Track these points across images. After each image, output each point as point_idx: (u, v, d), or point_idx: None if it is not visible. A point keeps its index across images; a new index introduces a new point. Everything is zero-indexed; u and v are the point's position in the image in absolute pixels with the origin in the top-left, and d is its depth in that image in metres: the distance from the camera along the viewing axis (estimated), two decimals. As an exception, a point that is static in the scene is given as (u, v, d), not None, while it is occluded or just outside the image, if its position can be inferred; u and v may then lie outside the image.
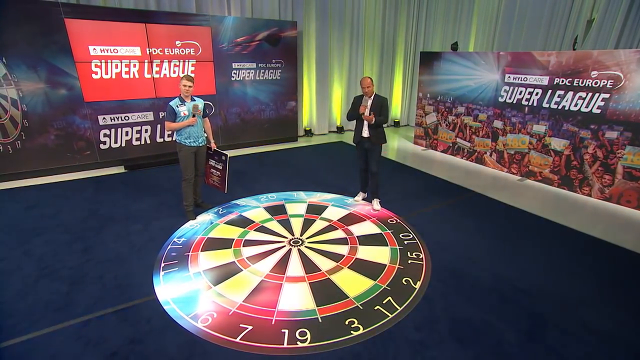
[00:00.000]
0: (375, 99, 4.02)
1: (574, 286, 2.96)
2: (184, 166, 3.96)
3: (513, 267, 3.21)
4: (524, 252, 3.45)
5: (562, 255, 3.45)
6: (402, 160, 6.44)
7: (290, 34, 6.93)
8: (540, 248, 3.55)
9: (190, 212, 4.12)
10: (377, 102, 4.00)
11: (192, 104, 3.87)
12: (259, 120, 7.28)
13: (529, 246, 3.58)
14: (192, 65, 6.18)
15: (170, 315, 2.59)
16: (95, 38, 5.30)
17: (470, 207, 4.48)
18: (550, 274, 3.13)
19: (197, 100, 3.98)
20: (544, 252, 3.48)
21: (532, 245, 3.59)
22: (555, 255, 3.44)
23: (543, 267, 3.23)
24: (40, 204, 4.50)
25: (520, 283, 2.97)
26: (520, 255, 3.41)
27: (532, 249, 3.52)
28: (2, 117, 5.10)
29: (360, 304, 2.70)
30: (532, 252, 3.46)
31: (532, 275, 3.09)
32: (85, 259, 3.32)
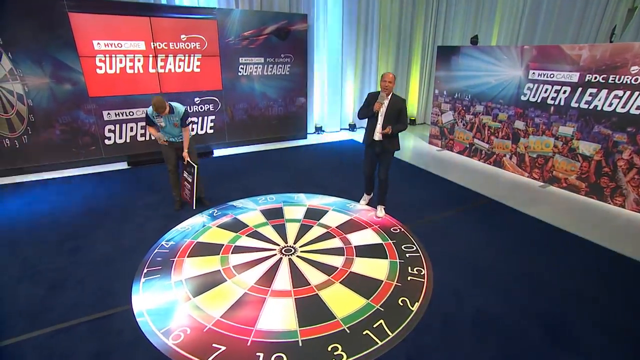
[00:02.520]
0: (393, 99, 3.64)
1: (599, 315, 2.58)
2: (165, 159, 4.07)
3: (526, 290, 2.83)
4: (541, 272, 3.06)
5: (588, 276, 3.03)
6: (414, 161, 6.06)
7: (300, 28, 6.65)
8: (561, 267, 3.15)
9: (177, 202, 4.22)
10: (395, 104, 3.63)
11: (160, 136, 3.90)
12: (267, 116, 7.07)
13: (548, 264, 3.18)
14: (198, 60, 6.03)
15: (142, 330, 2.42)
16: (99, 32, 5.23)
17: (485, 216, 4.10)
18: (572, 299, 2.74)
19: (175, 108, 3.82)
20: (565, 273, 3.07)
21: (552, 264, 3.19)
22: (579, 276, 3.03)
23: (563, 291, 2.84)
24: (41, 200, 4.48)
25: (533, 309, 2.61)
26: (536, 275, 3.02)
27: (551, 268, 3.12)
28: (9, 111, 5.13)
29: (347, 326, 2.44)
30: (551, 272, 3.07)
31: (550, 302, 2.72)
32: (71, 260, 3.22)
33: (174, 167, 4.08)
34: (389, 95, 3.64)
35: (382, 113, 3.67)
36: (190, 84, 6.11)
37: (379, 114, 3.69)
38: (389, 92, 3.61)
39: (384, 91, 3.59)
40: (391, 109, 3.64)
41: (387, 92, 3.59)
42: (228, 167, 5.82)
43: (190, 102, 6.23)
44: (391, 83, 3.55)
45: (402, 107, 3.65)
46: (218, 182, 5.12)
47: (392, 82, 3.56)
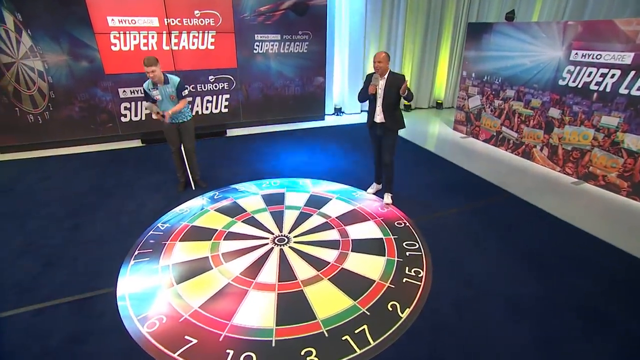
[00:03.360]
0: (390, 78, 3.38)
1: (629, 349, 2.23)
2: (167, 140, 4.00)
3: (537, 311, 2.50)
4: (560, 290, 2.67)
5: (615, 296, 2.65)
6: (435, 148, 5.64)
7: (320, 3, 6.25)
8: (586, 285, 2.74)
9: (180, 183, 4.21)
10: (392, 83, 3.36)
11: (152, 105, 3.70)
12: (283, 96, 6.85)
13: (571, 281, 2.78)
14: (212, 36, 5.87)
15: (120, 314, 2.40)
16: (113, 8, 5.18)
17: (503, 214, 3.71)
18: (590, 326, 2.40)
19: (170, 79, 3.70)
20: (591, 294, 2.69)
21: (575, 280, 2.77)
22: (603, 296, 2.64)
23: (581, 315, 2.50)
24: (54, 176, 4.64)
25: (542, 334, 2.31)
26: (553, 293, 2.63)
27: (573, 287, 2.73)
28: (31, 88, 5.29)
29: (327, 329, 2.28)
30: (571, 291, 2.68)
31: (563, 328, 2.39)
32: (69, 237, 3.29)
33: (177, 148, 4.03)
34: (383, 75, 3.38)
35: (379, 94, 3.44)
36: (204, 61, 6.00)
37: (377, 95, 3.43)
38: (382, 72, 3.36)
39: (376, 72, 3.34)
40: (389, 89, 3.38)
41: (380, 72, 3.35)
42: (239, 147, 5.73)
43: (204, 80, 6.15)
44: (381, 62, 3.30)
45: (402, 84, 3.31)
46: (226, 163, 5.06)
47: (382, 61, 3.30)
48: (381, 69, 3.31)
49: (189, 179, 4.20)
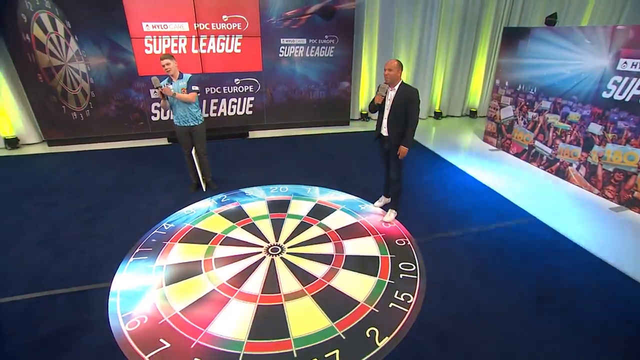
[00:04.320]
0: (401, 90, 3.17)
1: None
2: (180, 142, 4.13)
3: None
4: (584, 347, 2.39)
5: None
6: (457, 160, 5.30)
7: (347, 7, 6.16)
8: (617, 342, 2.43)
9: (192, 184, 4.36)
10: (402, 96, 3.16)
11: (154, 77, 3.66)
12: (308, 100, 6.85)
13: (594, 332, 2.48)
14: (239, 40, 6.02)
15: (108, 310, 2.53)
16: (148, 14, 5.50)
17: (521, 241, 3.37)
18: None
19: (184, 75, 3.86)
20: (615, 356, 2.37)
21: (601, 331, 2.48)
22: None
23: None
24: (86, 170, 5.02)
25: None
26: (561, 348, 2.37)
27: (599, 343, 2.43)
28: (76, 88, 5.78)
29: (297, 349, 2.21)
30: (595, 349, 2.39)
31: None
32: (84, 230, 3.53)
33: (190, 150, 4.17)
34: (394, 86, 3.18)
35: (387, 106, 3.24)
36: (230, 64, 6.17)
37: (384, 106, 3.25)
38: (391, 82, 3.17)
39: (386, 81, 3.15)
40: (398, 102, 3.18)
41: (389, 81, 3.15)
42: (258, 150, 5.82)
43: (230, 83, 6.32)
44: (392, 71, 3.10)
45: (411, 98, 3.14)
46: (242, 165, 5.15)
47: (393, 69, 3.10)
48: (391, 77, 3.12)
49: (201, 181, 4.33)
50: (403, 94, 3.16)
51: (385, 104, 3.28)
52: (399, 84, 3.19)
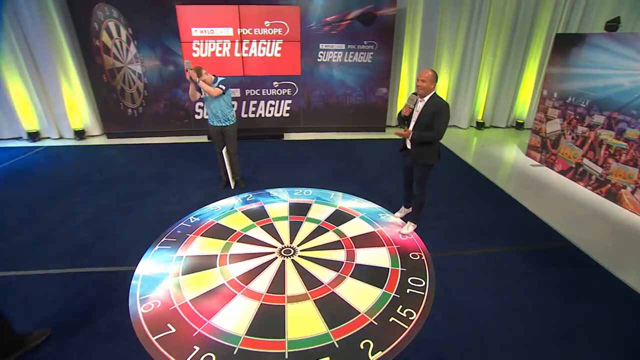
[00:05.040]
0: (431, 102, 3.03)
1: None
2: (213, 141, 4.41)
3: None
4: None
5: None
6: (491, 174, 4.98)
7: (388, 12, 6.09)
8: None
9: (222, 182, 4.60)
10: (430, 107, 3.01)
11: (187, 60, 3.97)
12: (344, 105, 6.88)
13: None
14: (279, 45, 6.22)
15: (129, 291, 2.78)
16: (197, 20, 5.91)
17: (548, 268, 3.10)
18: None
19: (217, 80, 4.11)
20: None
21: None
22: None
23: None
24: (135, 161, 5.53)
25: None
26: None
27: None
28: (132, 87, 6.39)
29: (289, 351, 2.26)
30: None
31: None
32: (121, 217, 3.90)
33: (221, 149, 4.41)
34: (425, 97, 3.04)
35: (414, 117, 3.12)
36: (270, 68, 6.40)
37: (411, 118, 3.15)
38: (423, 94, 3.02)
39: (418, 92, 3.03)
40: (424, 114, 3.04)
41: (422, 93, 3.01)
42: (290, 152, 5.97)
43: (269, 86, 6.56)
44: (425, 82, 2.95)
45: (440, 111, 2.98)
46: (272, 166, 5.33)
47: (426, 80, 2.95)
48: (423, 89, 2.97)
49: (230, 179, 4.56)
50: (432, 106, 3.01)
51: (413, 115, 3.17)
52: (430, 95, 3.03)
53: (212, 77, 4.04)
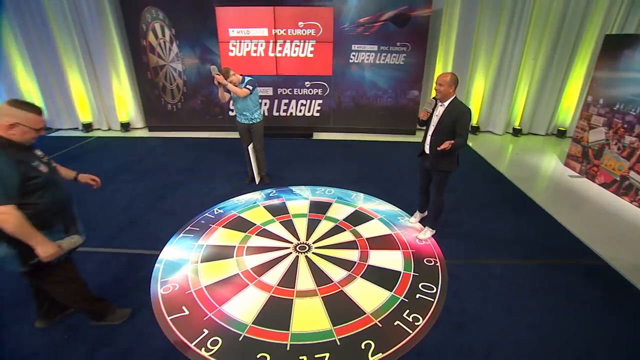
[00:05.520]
0: (451, 107, 2.95)
1: None
2: (240, 137, 4.58)
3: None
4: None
5: None
6: (524, 184, 4.70)
7: (423, 14, 5.96)
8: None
9: (248, 177, 4.77)
10: (451, 112, 2.93)
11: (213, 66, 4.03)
12: (374, 106, 6.84)
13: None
14: (312, 45, 6.32)
15: (152, 274, 3.00)
16: (234, 21, 6.17)
17: (579, 287, 2.91)
18: None
19: (245, 80, 4.23)
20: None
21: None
22: None
23: None
24: (171, 153, 5.90)
25: None
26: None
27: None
28: (172, 84, 6.80)
29: (292, 343, 2.33)
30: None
31: None
32: (153, 205, 4.18)
33: (246, 146, 4.56)
34: (444, 102, 2.97)
35: (433, 122, 3.06)
36: (302, 68, 6.52)
37: (430, 122, 3.09)
38: (442, 98, 2.95)
39: (436, 96, 2.97)
40: (444, 119, 2.97)
41: (441, 97, 2.95)
42: (318, 151, 6.05)
43: (300, 85, 6.68)
44: (442, 86, 2.88)
45: (461, 117, 2.90)
46: (299, 164, 5.43)
47: (444, 84, 2.87)
48: (441, 93, 2.91)
49: (255, 174, 4.72)
50: (452, 111, 2.93)
51: (431, 120, 3.12)
52: (450, 100, 2.95)
53: (239, 77, 4.20)
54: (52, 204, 1.95)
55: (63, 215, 2.06)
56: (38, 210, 1.88)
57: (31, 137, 1.88)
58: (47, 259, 1.90)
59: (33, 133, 1.87)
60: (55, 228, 1.99)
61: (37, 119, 1.86)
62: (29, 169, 1.84)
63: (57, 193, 2.00)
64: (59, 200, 2.01)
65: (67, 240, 2.05)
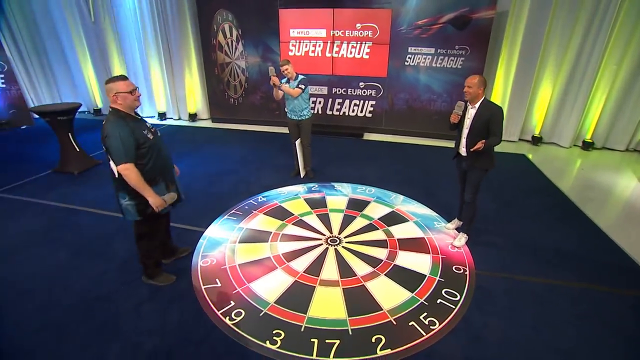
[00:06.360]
0: (482, 108, 2.94)
1: None
2: (289, 132, 4.84)
3: None
4: None
5: None
6: (589, 203, 4.25)
7: (485, 15, 5.66)
8: None
9: (294, 170, 5.01)
10: (483, 114, 2.93)
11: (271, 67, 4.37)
12: (428, 110, 6.67)
13: None
14: (368, 47, 6.39)
15: (196, 247, 3.37)
16: (295, 22, 6.49)
17: (626, 322, 2.63)
18: None
19: (298, 76, 4.52)
20: None
21: None
22: None
23: None
24: (229, 143, 6.45)
25: None
26: None
27: None
28: (236, 79, 7.37)
29: (306, 325, 2.48)
30: None
31: None
32: (206, 187, 4.65)
33: (295, 140, 4.81)
34: (475, 103, 2.96)
35: (466, 125, 3.03)
36: (358, 69, 6.63)
37: (462, 125, 3.04)
38: (472, 100, 2.95)
39: (465, 97, 2.97)
40: (477, 121, 2.95)
41: (470, 98, 2.95)
42: (366, 151, 6.12)
43: (355, 86, 6.79)
44: (471, 88, 2.88)
45: (493, 118, 2.88)
46: (345, 162, 5.55)
47: (472, 86, 2.88)
48: (470, 95, 2.93)
49: (300, 168, 4.95)
50: (485, 112, 2.92)
51: (464, 122, 3.08)
52: (480, 101, 2.96)
53: (294, 73, 4.44)
54: (156, 165, 2.49)
55: (164, 175, 2.60)
56: (145, 169, 2.43)
57: (131, 100, 2.39)
58: (157, 209, 2.47)
59: (130, 96, 2.37)
60: (158, 185, 2.53)
61: (125, 83, 2.37)
62: (140, 135, 2.37)
63: (160, 156, 2.54)
64: (161, 162, 2.55)
65: (168, 195, 2.60)
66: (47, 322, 2.52)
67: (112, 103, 2.36)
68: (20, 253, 3.31)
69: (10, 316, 2.59)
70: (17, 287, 2.88)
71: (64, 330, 2.45)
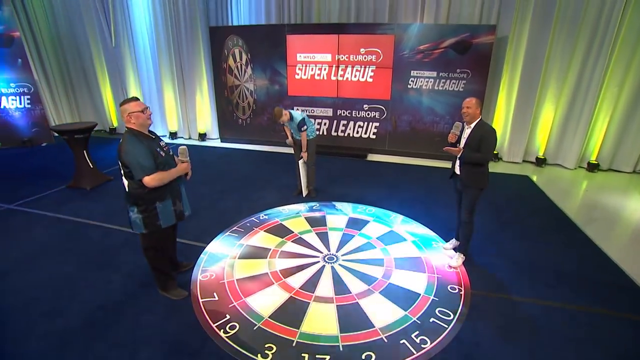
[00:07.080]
0: (477, 128, 3.07)
1: None
2: (294, 153, 5.04)
3: None
4: None
5: None
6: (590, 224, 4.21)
7: (485, 40, 5.84)
8: None
9: (297, 190, 5.13)
10: (477, 133, 3.06)
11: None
12: (431, 132, 6.78)
13: None
14: (372, 71, 6.61)
15: (197, 262, 3.46)
16: (302, 47, 6.79)
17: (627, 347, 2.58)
18: None
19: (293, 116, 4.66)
20: None
21: None
22: None
23: None
24: (235, 162, 6.64)
25: None
26: None
27: None
28: (244, 101, 7.66)
29: (298, 340, 2.51)
30: None
31: None
32: (210, 204, 4.78)
33: (296, 160, 4.96)
34: (471, 124, 3.07)
35: (461, 144, 3.17)
36: (362, 91, 6.84)
37: (459, 144, 3.15)
38: (469, 119, 3.07)
39: (464, 119, 3.10)
40: (472, 139, 3.07)
41: (467, 119, 3.08)
42: (369, 172, 6.21)
43: (359, 108, 6.99)
44: (470, 109, 3.02)
45: (486, 137, 3.00)
46: (348, 182, 5.65)
47: (472, 107, 3.01)
48: (469, 115, 3.06)
49: (303, 187, 5.07)
50: (478, 131, 3.04)
51: (461, 142, 3.19)
52: (476, 121, 3.09)
53: (287, 116, 4.60)
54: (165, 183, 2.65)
55: (172, 192, 2.77)
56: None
57: (144, 119, 2.59)
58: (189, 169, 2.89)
59: (142, 114, 2.57)
60: (165, 201, 2.70)
61: (136, 103, 2.58)
62: (154, 153, 2.57)
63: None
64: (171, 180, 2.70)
65: (181, 150, 2.86)
66: (50, 329, 2.62)
67: (127, 123, 2.55)
68: (30, 263, 3.47)
69: (16, 322, 2.71)
70: (25, 294, 3.01)
71: (65, 337, 2.55)
